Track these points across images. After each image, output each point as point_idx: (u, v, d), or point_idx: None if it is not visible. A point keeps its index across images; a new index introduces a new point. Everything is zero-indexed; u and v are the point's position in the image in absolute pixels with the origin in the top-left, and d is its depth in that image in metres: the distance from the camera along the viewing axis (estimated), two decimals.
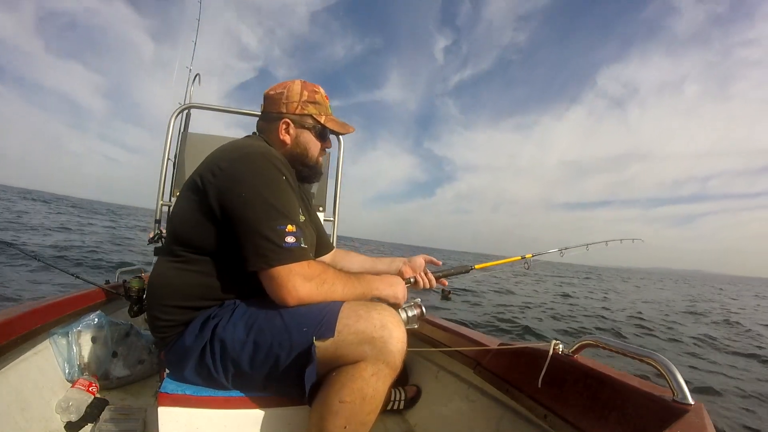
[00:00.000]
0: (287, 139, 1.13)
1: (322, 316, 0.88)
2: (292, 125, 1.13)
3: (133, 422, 1.36)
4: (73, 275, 2.09)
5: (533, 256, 1.64)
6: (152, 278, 1.04)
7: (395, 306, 1.08)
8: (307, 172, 1.18)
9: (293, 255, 0.90)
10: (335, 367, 0.88)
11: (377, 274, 1.40)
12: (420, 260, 1.36)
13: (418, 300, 1.14)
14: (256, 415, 0.98)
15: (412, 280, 1.28)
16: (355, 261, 1.42)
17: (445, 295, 8.62)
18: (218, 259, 0.98)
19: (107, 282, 2.09)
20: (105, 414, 1.40)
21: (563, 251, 1.76)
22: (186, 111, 2.69)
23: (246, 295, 0.99)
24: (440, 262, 1.40)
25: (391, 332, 0.87)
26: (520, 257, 1.62)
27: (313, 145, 1.16)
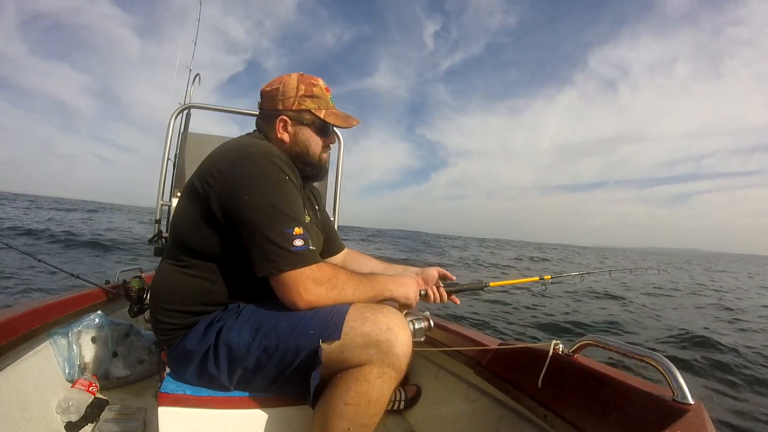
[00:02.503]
0: (285, 137, 1.08)
1: (329, 319, 0.88)
2: (289, 122, 1.08)
3: (133, 422, 1.36)
4: (73, 275, 2.09)
5: (552, 278, 1.60)
6: (155, 281, 1.03)
7: (407, 307, 1.06)
8: (310, 170, 1.13)
9: (303, 259, 0.89)
10: (340, 369, 0.87)
11: None
12: (433, 273, 1.30)
13: (427, 313, 1.10)
14: (256, 414, 0.98)
15: (422, 292, 1.23)
16: (366, 266, 1.39)
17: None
18: (221, 264, 0.97)
19: (107, 282, 2.09)
20: (105, 414, 1.40)
21: (584, 275, 1.74)
22: (186, 111, 2.69)
23: (249, 298, 0.98)
24: (454, 277, 1.34)
25: (397, 335, 0.87)
26: (538, 278, 1.58)
27: (313, 142, 1.11)
